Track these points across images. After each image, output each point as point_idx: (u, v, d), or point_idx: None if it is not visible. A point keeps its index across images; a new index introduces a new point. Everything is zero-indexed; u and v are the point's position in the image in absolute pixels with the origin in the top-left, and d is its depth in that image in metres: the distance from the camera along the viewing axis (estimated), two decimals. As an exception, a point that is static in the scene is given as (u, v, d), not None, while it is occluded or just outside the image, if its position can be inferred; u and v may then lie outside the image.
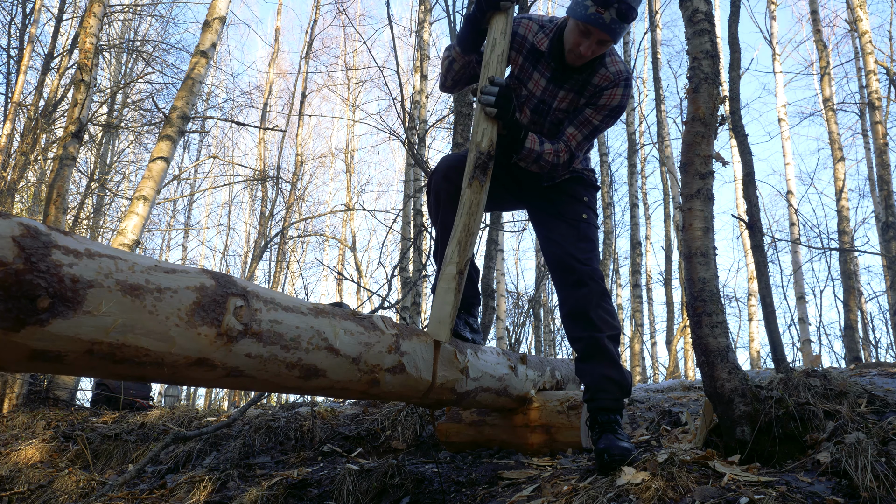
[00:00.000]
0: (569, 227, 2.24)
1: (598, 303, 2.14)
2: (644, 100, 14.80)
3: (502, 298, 11.07)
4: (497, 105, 1.99)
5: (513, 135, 2.07)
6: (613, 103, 2.14)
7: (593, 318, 2.12)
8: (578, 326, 2.15)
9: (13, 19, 8.58)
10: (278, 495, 2.36)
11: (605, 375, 2.10)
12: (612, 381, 2.09)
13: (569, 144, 2.16)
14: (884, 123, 8.50)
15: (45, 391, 4.91)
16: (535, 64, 2.17)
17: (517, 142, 2.08)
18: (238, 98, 15.23)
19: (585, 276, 2.14)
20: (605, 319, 2.13)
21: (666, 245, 12.16)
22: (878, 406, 2.10)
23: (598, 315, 2.13)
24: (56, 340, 0.98)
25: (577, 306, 2.15)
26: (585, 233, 2.24)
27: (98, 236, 10.62)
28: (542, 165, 2.15)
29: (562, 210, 2.27)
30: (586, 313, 2.13)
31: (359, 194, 17.93)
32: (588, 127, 2.17)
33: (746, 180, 3.70)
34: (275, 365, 1.34)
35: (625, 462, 1.85)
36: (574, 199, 2.29)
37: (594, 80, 2.13)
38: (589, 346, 2.13)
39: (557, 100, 2.18)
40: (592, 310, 2.12)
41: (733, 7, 3.91)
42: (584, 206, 2.28)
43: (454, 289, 1.89)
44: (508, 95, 2.01)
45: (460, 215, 1.96)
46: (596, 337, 2.11)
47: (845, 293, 8.42)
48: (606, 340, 2.12)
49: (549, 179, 2.31)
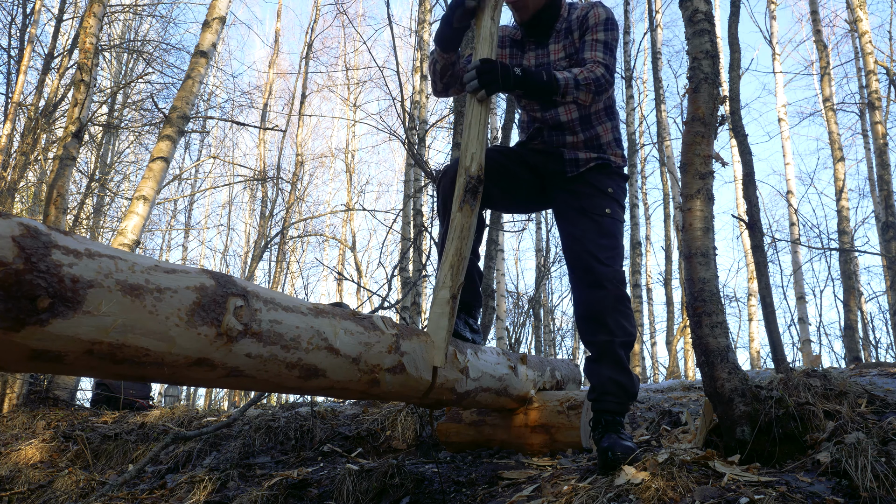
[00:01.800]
0: (591, 223, 2.17)
1: (614, 306, 2.08)
2: (644, 100, 14.81)
3: (502, 298, 11.06)
4: (481, 82, 1.97)
5: (530, 84, 2.02)
6: (602, 17, 2.20)
7: (609, 323, 2.08)
8: (592, 329, 2.11)
9: (13, 19, 8.58)
10: (278, 495, 2.36)
11: (612, 378, 2.08)
12: (619, 385, 2.08)
13: (595, 61, 2.13)
14: (884, 123, 8.50)
15: (45, 391, 4.91)
16: (521, 48, 2.33)
17: (543, 84, 2.03)
18: (238, 98, 15.22)
19: (604, 277, 2.09)
20: (620, 324, 2.09)
21: (666, 245, 12.16)
22: (878, 406, 2.10)
23: (615, 319, 2.08)
24: (56, 340, 0.98)
25: (593, 309, 2.10)
26: (609, 229, 2.17)
27: (98, 236, 10.62)
28: (587, 85, 2.06)
29: (585, 205, 2.20)
30: (602, 317, 2.08)
31: (359, 194, 17.95)
32: (598, 44, 2.17)
33: (746, 180, 3.70)
34: (275, 365, 1.34)
35: (627, 460, 1.84)
36: (599, 191, 2.23)
37: (572, 20, 2.24)
38: (601, 349, 2.10)
39: (553, 54, 2.26)
40: (609, 314, 2.08)
41: (733, 7, 3.91)
42: (609, 199, 2.22)
43: (448, 313, 1.88)
44: (487, 67, 1.98)
45: (451, 239, 1.94)
46: (609, 341, 2.08)
47: (845, 293, 8.42)
48: (618, 346, 2.09)
49: (574, 166, 2.27)
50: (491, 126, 9.89)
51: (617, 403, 2.07)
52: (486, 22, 2.10)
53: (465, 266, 1.96)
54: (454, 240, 1.95)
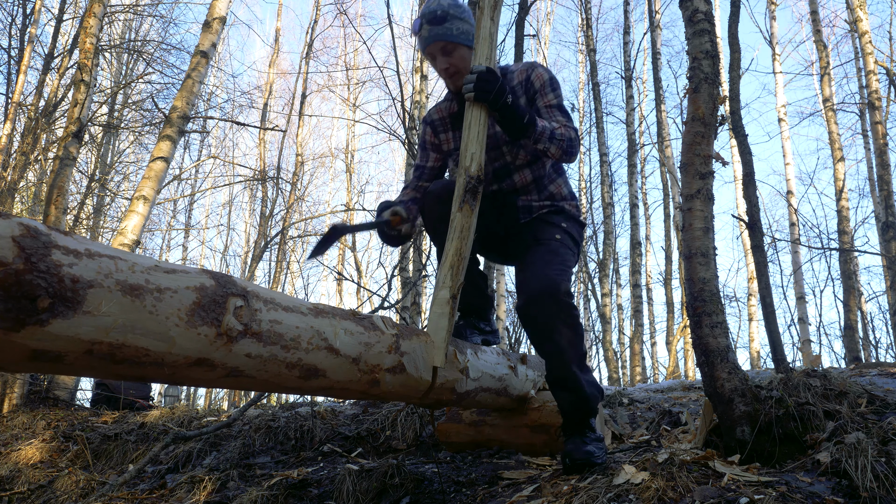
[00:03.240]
0: (539, 247, 2.12)
1: (563, 321, 1.96)
2: (644, 100, 14.82)
3: (502, 298, 11.06)
4: (476, 89, 1.93)
5: (510, 116, 1.99)
6: (546, 78, 2.18)
7: (557, 340, 1.97)
8: (540, 347, 2.04)
9: (13, 19, 8.58)
10: (278, 495, 2.36)
11: (571, 402, 2.02)
12: (579, 402, 2.01)
13: (562, 125, 2.10)
14: (884, 123, 8.49)
15: (45, 391, 4.91)
16: (460, 123, 2.18)
17: (521, 124, 2.00)
18: (238, 98, 15.22)
19: (549, 288, 1.96)
20: (571, 341, 1.98)
21: (666, 245, 12.16)
22: (878, 406, 2.10)
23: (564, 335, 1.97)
24: (56, 340, 0.98)
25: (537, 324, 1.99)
26: (556, 249, 2.10)
27: (98, 236, 10.62)
28: (560, 140, 2.05)
29: (538, 235, 2.17)
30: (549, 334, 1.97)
31: (359, 194, 17.95)
32: (554, 110, 2.14)
33: (746, 180, 3.70)
34: (275, 365, 1.34)
35: (587, 466, 1.89)
36: (551, 225, 2.20)
37: (514, 87, 2.18)
38: (555, 370, 2.02)
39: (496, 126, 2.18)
40: (555, 330, 1.96)
41: (733, 7, 3.91)
42: (560, 230, 2.18)
43: (448, 313, 1.88)
44: (487, 77, 1.94)
45: (451, 240, 1.94)
46: (562, 362, 1.99)
47: (845, 293, 8.42)
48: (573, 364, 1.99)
49: (527, 213, 2.25)
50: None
51: (579, 413, 2.02)
52: (486, 22, 2.09)
53: (465, 266, 1.96)
54: (454, 240, 1.94)
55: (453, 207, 1.99)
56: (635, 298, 10.75)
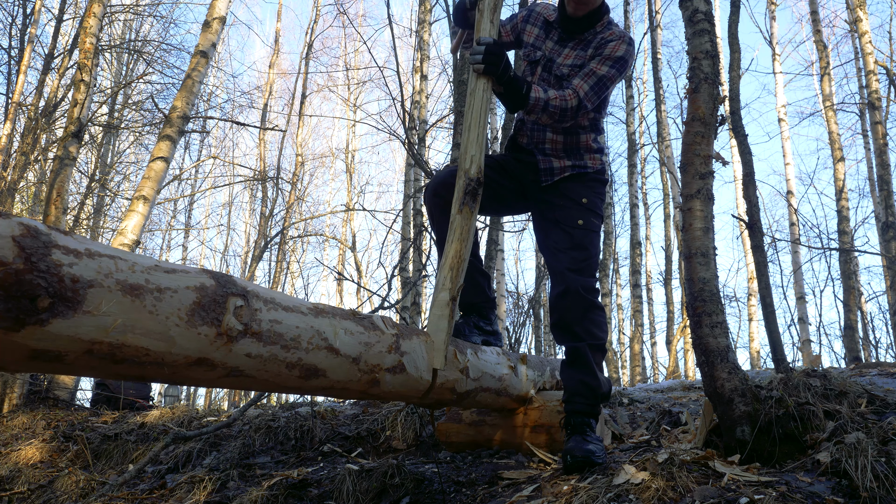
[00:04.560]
0: (564, 235, 2.23)
1: (584, 315, 2.16)
2: (644, 100, 14.80)
3: (502, 298, 11.06)
4: (484, 61, 2.01)
5: (513, 89, 2.08)
6: (617, 54, 2.22)
7: (578, 331, 2.16)
8: (562, 336, 2.20)
9: (13, 19, 8.58)
10: (278, 495, 2.36)
11: (582, 381, 2.15)
12: (588, 388, 2.15)
13: (576, 91, 2.18)
14: (884, 123, 8.50)
15: (45, 391, 4.91)
16: (547, 32, 2.37)
17: (520, 95, 2.10)
18: (238, 98, 15.21)
19: (574, 287, 2.15)
20: (589, 331, 2.16)
21: (666, 245, 12.16)
22: (878, 406, 2.10)
23: (584, 327, 2.16)
24: (56, 340, 0.98)
25: (562, 318, 2.18)
26: (581, 241, 2.22)
27: (98, 236, 10.62)
28: (552, 112, 2.14)
29: (559, 216, 2.26)
30: (570, 326, 2.16)
31: (359, 194, 17.93)
32: (593, 77, 2.20)
33: (746, 180, 3.70)
34: (275, 365, 1.34)
35: (588, 464, 1.93)
36: (573, 202, 2.27)
37: (600, 35, 2.27)
38: (572, 354, 2.18)
39: (563, 56, 2.31)
40: (577, 323, 2.15)
41: (733, 7, 3.92)
42: (582, 209, 2.26)
43: (447, 315, 1.89)
44: (496, 51, 2.02)
45: (451, 241, 1.95)
46: (578, 346, 2.16)
47: (845, 293, 8.42)
48: (588, 350, 2.16)
49: (549, 176, 2.31)
50: (491, 126, 9.89)
51: (585, 405, 2.13)
52: (486, 25, 2.10)
53: (464, 268, 1.96)
54: (454, 241, 1.95)
55: (453, 209, 2.00)
56: (635, 298, 10.76)
